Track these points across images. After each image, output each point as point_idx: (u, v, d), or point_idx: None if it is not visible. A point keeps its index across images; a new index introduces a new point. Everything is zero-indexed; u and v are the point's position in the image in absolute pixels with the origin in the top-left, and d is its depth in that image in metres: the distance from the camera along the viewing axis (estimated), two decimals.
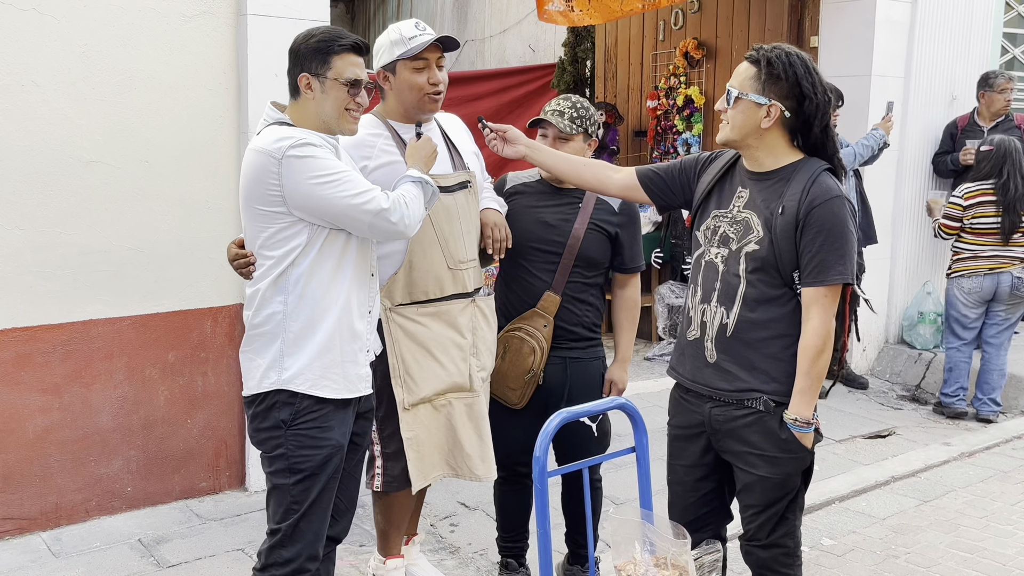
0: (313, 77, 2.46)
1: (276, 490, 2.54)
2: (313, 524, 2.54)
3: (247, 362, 2.54)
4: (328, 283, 2.49)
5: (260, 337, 2.50)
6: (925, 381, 6.14)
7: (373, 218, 2.42)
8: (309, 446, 2.49)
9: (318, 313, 2.48)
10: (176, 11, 3.68)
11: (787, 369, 2.42)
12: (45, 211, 3.49)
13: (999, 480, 4.59)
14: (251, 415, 2.55)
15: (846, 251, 2.36)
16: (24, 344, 3.49)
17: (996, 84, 6.13)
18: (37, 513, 3.59)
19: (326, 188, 2.37)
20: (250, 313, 2.52)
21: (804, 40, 6.40)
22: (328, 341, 2.49)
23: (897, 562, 3.67)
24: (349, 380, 2.55)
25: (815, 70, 2.41)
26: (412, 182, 2.58)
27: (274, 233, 2.43)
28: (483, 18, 11.31)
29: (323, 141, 2.45)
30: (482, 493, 4.14)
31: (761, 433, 2.45)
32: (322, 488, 2.52)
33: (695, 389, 2.57)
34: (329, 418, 2.51)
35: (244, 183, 2.46)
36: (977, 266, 5.45)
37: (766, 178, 2.47)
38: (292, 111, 2.53)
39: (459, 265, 2.91)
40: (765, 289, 2.43)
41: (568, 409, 2.28)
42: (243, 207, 2.50)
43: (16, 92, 3.39)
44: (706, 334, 2.52)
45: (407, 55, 2.79)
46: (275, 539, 2.53)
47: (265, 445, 2.52)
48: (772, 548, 2.55)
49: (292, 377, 2.47)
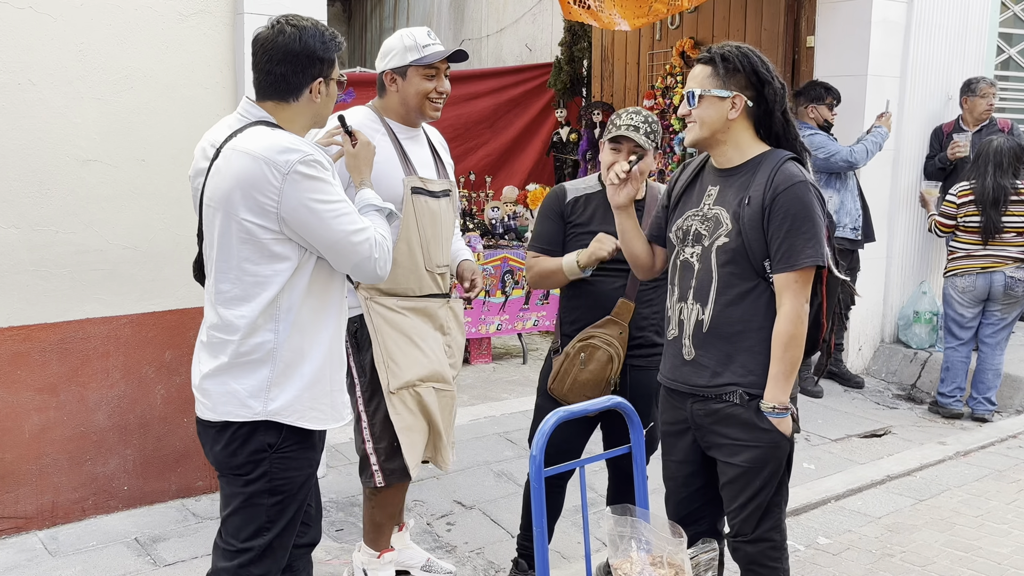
0: (324, 81, 2.35)
1: (249, 508, 2.37)
2: (285, 541, 2.43)
3: (218, 385, 2.31)
4: (319, 309, 2.34)
5: (241, 365, 2.29)
6: (921, 380, 6.16)
7: (362, 260, 2.30)
8: (294, 468, 2.37)
9: (308, 342, 2.32)
10: (173, 10, 3.67)
11: (763, 361, 2.47)
12: (41, 210, 3.48)
13: (994, 479, 4.60)
14: (225, 439, 2.34)
15: (814, 234, 2.40)
16: (20, 343, 3.49)
17: (979, 89, 6.17)
18: (33, 512, 3.59)
19: (327, 216, 2.22)
20: (230, 339, 2.29)
21: (800, 40, 6.41)
22: (319, 371, 2.36)
23: (892, 561, 3.68)
24: (336, 409, 2.43)
25: (766, 59, 2.52)
26: (376, 210, 2.44)
27: (262, 246, 2.24)
28: (480, 17, 11.31)
29: (324, 157, 2.27)
30: (479, 492, 4.15)
31: (740, 424, 2.49)
32: (298, 507, 2.42)
33: (675, 387, 2.62)
34: (312, 438, 2.41)
35: (228, 187, 2.22)
36: (970, 265, 5.47)
37: (733, 173, 2.54)
38: (284, 113, 2.35)
39: (436, 268, 3.07)
40: (738, 282, 2.48)
41: (565, 408, 2.29)
42: (218, 214, 2.26)
43: (12, 91, 3.39)
44: (684, 332, 2.57)
45: (421, 63, 2.93)
46: (245, 558, 2.37)
47: (243, 468, 2.34)
48: (759, 543, 2.59)
49: (280, 409, 2.31)
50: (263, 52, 2.30)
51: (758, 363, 2.47)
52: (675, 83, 7.38)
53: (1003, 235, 5.35)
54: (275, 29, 2.30)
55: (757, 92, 2.49)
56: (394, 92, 3.01)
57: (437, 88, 2.99)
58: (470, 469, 4.42)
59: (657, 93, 7.55)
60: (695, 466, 2.67)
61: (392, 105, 3.03)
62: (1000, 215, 5.31)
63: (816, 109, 5.71)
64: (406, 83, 2.98)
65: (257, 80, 2.35)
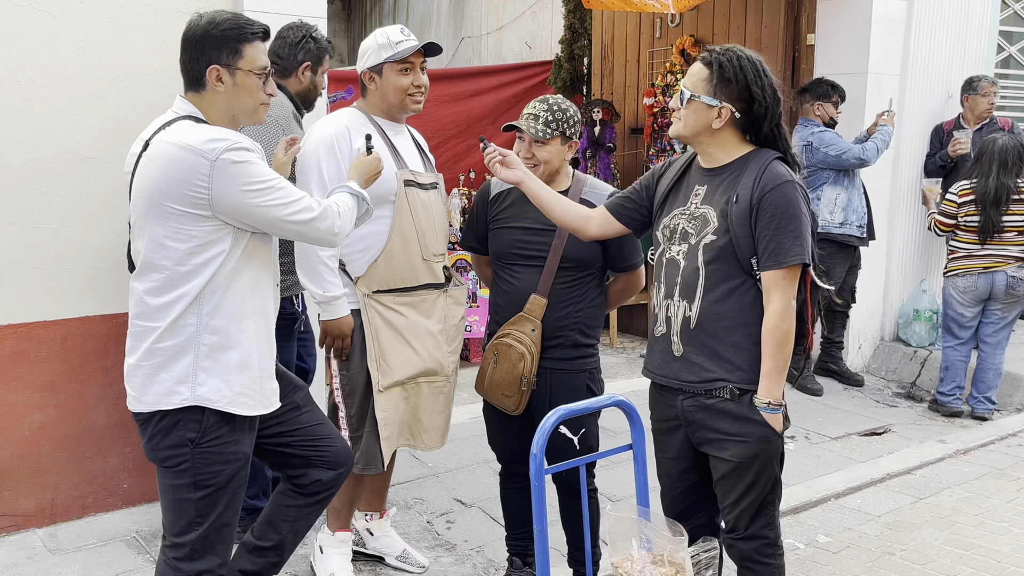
0: (224, 69, 2.34)
1: (177, 503, 2.37)
2: (223, 535, 2.42)
3: (144, 377, 2.33)
4: (246, 294, 2.36)
5: (166, 351, 2.31)
6: (920, 378, 6.16)
7: (302, 227, 2.36)
8: (217, 462, 2.36)
9: (235, 326, 2.34)
10: (173, 7, 3.67)
11: (751, 357, 2.49)
12: (41, 207, 3.48)
13: (994, 477, 4.61)
14: (149, 432, 2.36)
15: (801, 232, 2.43)
16: (20, 341, 3.48)
17: (980, 87, 6.16)
18: (33, 510, 3.59)
19: (258, 197, 2.27)
20: (156, 326, 2.31)
21: (801, 38, 6.40)
22: (247, 357, 2.37)
23: (892, 559, 3.68)
24: (265, 396, 2.44)
25: (765, 72, 2.49)
26: (349, 194, 2.55)
27: (193, 236, 2.26)
28: (480, 15, 11.30)
29: (252, 144, 2.33)
30: (479, 490, 4.15)
31: (731, 419, 2.51)
32: (229, 500, 2.40)
33: (666, 384, 2.63)
34: (236, 431, 2.39)
35: (157, 178, 2.24)
36: (971, 265, 5.46)
37: (720, 172, 2.56)
38: (201, 104, 2.37)
39: (433, 257, 3.14)
40: (724, 279, 2.50)
41: (567, 406, 2.29)
42: (149, 204, 2.28)
43: (12, 88, 3.38)
44: (672, 329, 2.59)
45: (394, 58, 3.02)
46: (180, 553, 2.38)
47: (167, 462, 2.36)
48: (753, 540, 2.60)
49: (208, 393, 2.31)
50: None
51: (745, 359, 2.50)
52: (675, 81, 7.36)
53: (1003, 234, 5.35)
54: (190, 19, 2.38)
55: (747, 105, 2.49)
56: (374, 90, 3.09)
57: (414, 82, 3.07)
58: (470, 467, 4.42)
59: (657, 91, 7.54)
60: (688, 462, 2.69)
61: (375, 103, 3.11)
62: (1001, 215, 5.31)
63: (822, 106, 5.71)
64: (383, 80, 3.06)
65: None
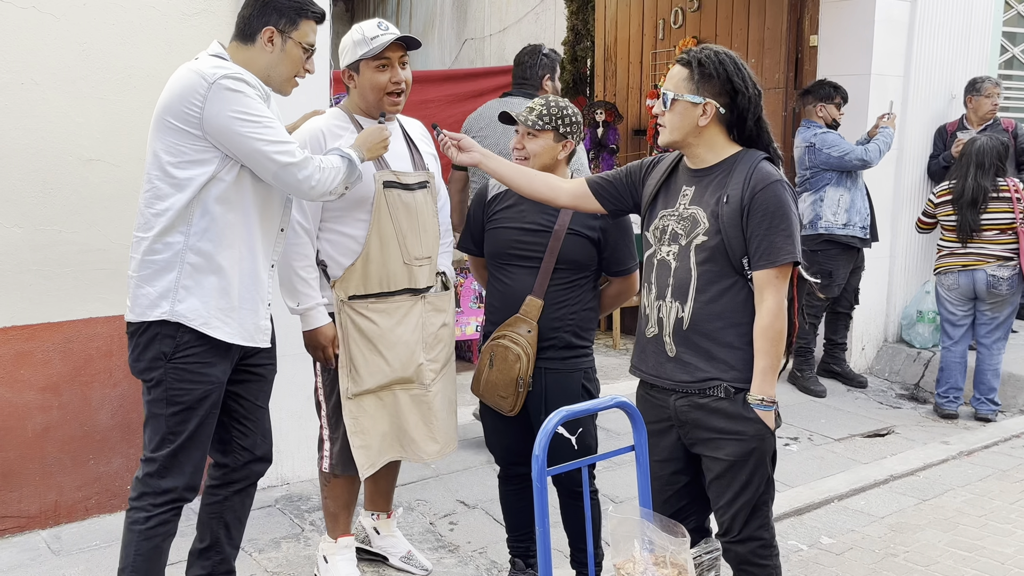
0: (278, 33, 2.49)
1: (152, 419, 2.54)
2: (192, 456, 2.56)
3: (134, 288, 2.51)
4: (234, 223, 2.49)
5: (153, 264, 2.48)
6: (924, 380, 6.15)
7: (279, 169, 2.45)
8: (189, 380, 2.51)
9: (220, 249, 2.48)
10: (176, 9, 3.68)
11: (744, 356, 2.51)
12: (44, 209, 3.49)
13: (998, 479, 4.60)
14: (133, 344, 2.54)
15: (791, 231, 2.46)
16: (23, 342, 3.49)
17: (984, 88, 6.16)
18: (37, 511, 3.59)
19: (244, 126, 2.40)
20: (145, 236, 2.48)
21: (804, 39, 6.40)
22: (227, 285, 2.49)
23: (896, 561, 3.68)
24: (245, 328, 2.56)
25: (744, 66, 2.54)
26: (340, 156, 2.62)
27: (183, 152, 2.42)
28: (483, 16, 11.31)
29: (259, 85, 2.48)
30: (482, 491, 4.15)
31: (725, 417, 2.52)
32: (200, 422, 2.53)
33: (659, 384, 2.64)
34: (210, 354, 2.52)
35: (166, 96, 2.45)
36: (953, 263, 5.51)
37: (708, 173, 2.57)
38: (237, 54, 2.53)
39: (414, 261, 3.05)
40: (716, 279, 2.51)
41: (569, 407, 2.28)
42: (155, 120, 2.48)
43: (15, 90, 3.39)
44: (664, 329, 2.59)
45: (369, 55, 2.90)
46: (151, 468, 2.54)
47: (144, 375, 2.53)
48: (748, 542, 2.59)
49: (186, 311, 2.46)
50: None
51: (738, 358, 2.51)
52: None
53: (983, 233, 5.37)
54: None
55: (730, 99, 2.51)
56: (353, 89, 3.02)
57: (392, 79, 2.93)
58: (472, 469, 4.42)
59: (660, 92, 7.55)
60: (679, 464, 2.69)
61: (355, 101, 3.03)
62: (978, 215, 5.34)
63: (825, 108, 5.71)
64: (361, 78, 2.96)
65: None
